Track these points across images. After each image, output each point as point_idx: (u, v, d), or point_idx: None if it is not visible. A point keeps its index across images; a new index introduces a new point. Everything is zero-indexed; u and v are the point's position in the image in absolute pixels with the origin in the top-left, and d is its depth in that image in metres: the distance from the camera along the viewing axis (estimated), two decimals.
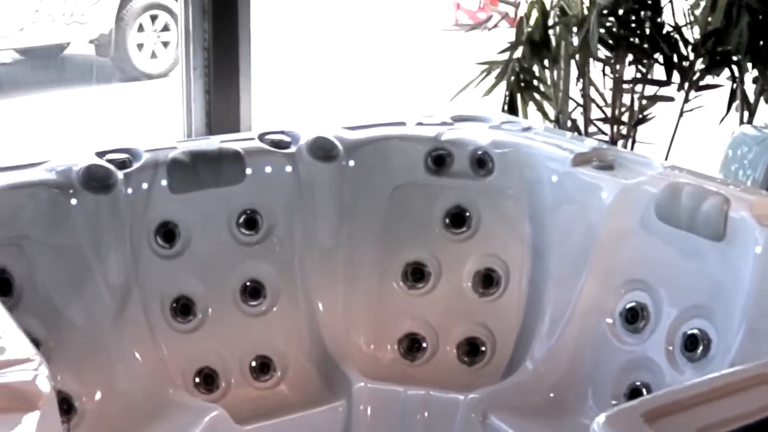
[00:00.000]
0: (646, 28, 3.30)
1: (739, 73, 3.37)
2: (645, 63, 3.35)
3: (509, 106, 3.38)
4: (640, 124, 3.44)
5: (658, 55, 3.33)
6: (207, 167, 2.65)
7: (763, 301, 2.22)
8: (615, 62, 3.38)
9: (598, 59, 3.36)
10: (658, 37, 3.26)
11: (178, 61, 3.46)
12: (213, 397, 2.61)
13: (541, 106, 3.43)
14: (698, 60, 3.33)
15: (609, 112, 3.48)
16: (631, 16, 3.29)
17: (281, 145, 2.77)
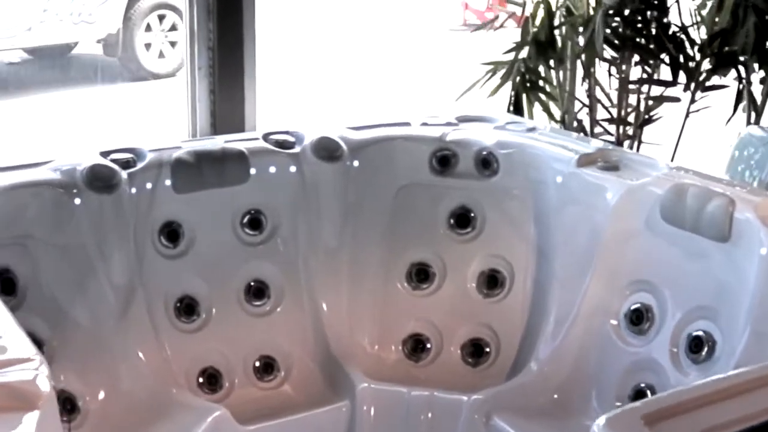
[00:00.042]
0: (652, 28, 3.29)
1: (746, 74, 3.35)
2: (651, 63, 3.34)
3: (514, 107, 3.37)
4: (646, 124, 3.43)
5: (664, 56, 3.32)
6: (211, 167, 2.65)
7: None
8: (621, 62, 3.37)
9: (604, 59, 3.35)
10: (664, 38, 3.25)
11: None
12: (217, 397, 2.61)
13: (547, 107, 3.43)
14: (704, 60, 3.32)
15: (615, 113, 3.47)
16: (637, 16, 3.28)
17: (285, 145, 2.77)
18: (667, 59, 3.32)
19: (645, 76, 3.39)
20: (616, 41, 3.29)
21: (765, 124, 3.38)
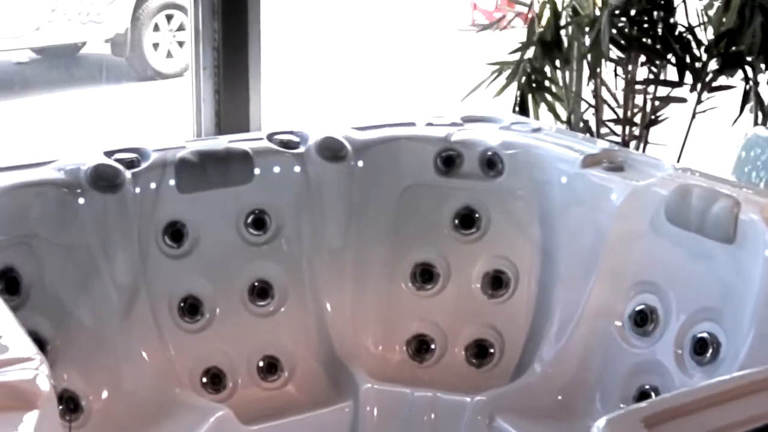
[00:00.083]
0: (658, 28, 3.27)
1: (753, 74, 3.34)
2: (657, 64, 3.32)
3: (520, 107, 3.36)
4: (653, 125, 3.42)
5: (670, 56, 3.30)
6: (215, 167, 2.65)
7: None
8: (627, 63, 3.35)
9: (610, 60, 3.34)
10: (671, 38, 3.23)
11: None
12: (220, 397, 2.60)
13: (553, 107, 3.41)
14: (711, 61, 3.30)
15: (621, 114, 3.46)
16: (644, 16, 3.27)
17: (290, 145, 2.77)
18: (674, 60, 3.31)
19: (651, 76, 3.38)
20: (622, 41, 3.28)
21: None
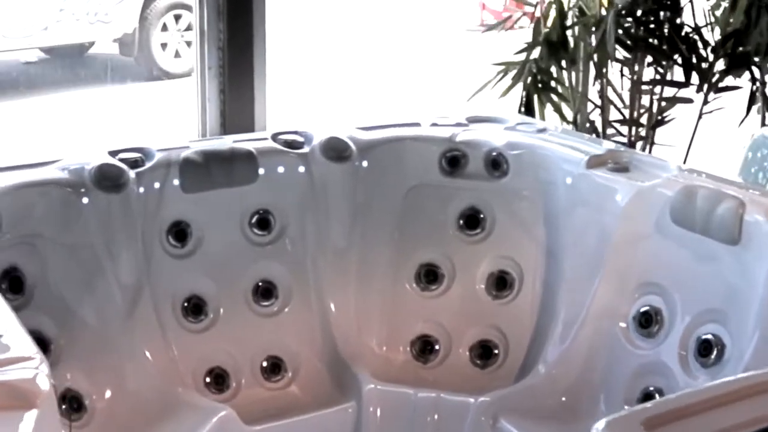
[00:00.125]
0: (664, 29, 3.26)
1: (760, 75, 3.32)
2: (664, 64, 3.31)
3: (526, 108, 3.35)
4: (659, 126, 3.40)
5: (677, 57, 3.29)
6: (219, 167, 2.65)
7: None
8: (633, 63, 3.34)
9: (617, 60, 3.32)
10: (677, 39, 3.22)
11: None
12: (223, 397, 2.60)
13: (559, 108, 3.40)
14: (718, 61, 3.29)
15: (627, 114, 3.44)
16: (650, 16, 3.25)
17: (294, 145, 2.76)
18: (680, 60, 3.29)
19: (658, 77, 3.37)
20: (629, 42, 3.27)
21: None
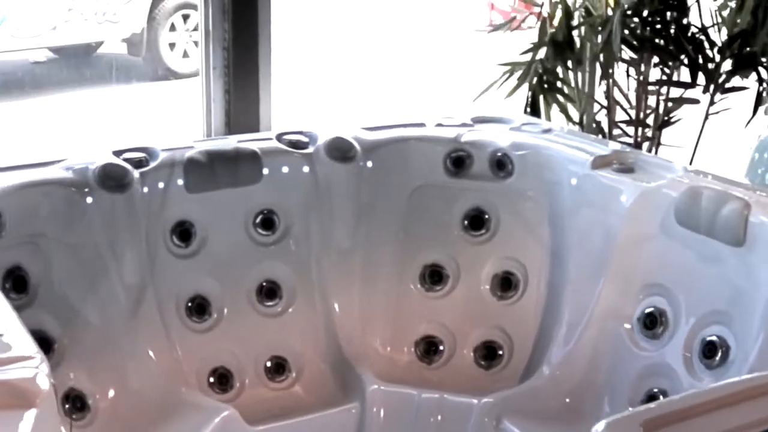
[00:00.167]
0: (671, 29, 3.24)
1: (767, 75, 3.30)
2: (670, 65, 3.30)
3: (531, 108, 3.34)
4: (665, 126, 3.39)
5: (683, 57, 3.27)
6: (224, 167, 2.65)
7: None
8: (640, 64, 3.33)
9: (623, 60, 3.31)
10: (683, 39, 3.20)
11: None
12: (227, 397, 2.60)
13: (565, 108, 3.39)
14: (724, 62, 3.27)
15: (633, 115, 3.43)
16: (656, 17, 3.24)
17: (299, 145, 2.76)
18: (686, 61, 3.28)
19: (664, 77, 3.35)
20: (635, 42, 3.25)
21: None
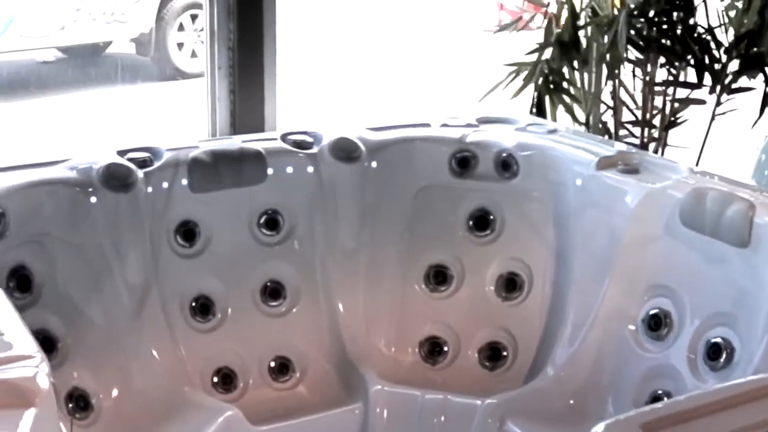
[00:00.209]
0: (677, 29, 3.23)
1: None
2: (676, 65, 3.28)
3: (537, 108, 3.33)
4: (672, 127, 3.38)
5: (690, 58, 3.26)
6: (228, 167, 2.65)
7: None
8: (646, 64, 3.31)
9: (629, 61, 3.30)
10: (689, 39, 3.19)
11: None
12: (231, 397, 2.60)
13: (571, 109, 3.38)
14: (731, 62, 3.26)
15: (640, 115, 3.42)
16: (663, 17, 3.23)
17: (303, 145, 2.76)
18: (693, 61, 3.26)
19: (670, 78, 3.34)
20: (641, 42, 3.24)
21: None
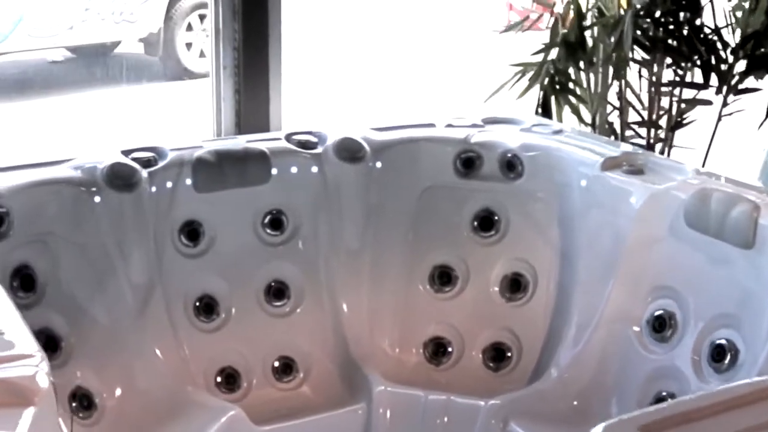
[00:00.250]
0: (684, 30, 3.22)
1: None
2: (683, 66, 3.27)
3: (543, 109, 3.32)
4: (678, 128, 3.36)
5: (696, 58, 3.25)
6: (232, 167, 2.65)
7: None
8: (652, 64, 3.30)
9: (635, 61, 3.29)
10: (696, 40, 3.18)
11: None
12: (234, 397, 2.60)
13: (577, 109, 3.37)
14: (738, 63, 3.24)
15: (646, 116, 3.40)
16: (669, 17, 3.22)
17: (308, 145, 2.76)
18: (699, 62, 3.25)
19: (677, 78, 3.33)
20: (647, 43, 3.23)
21: None
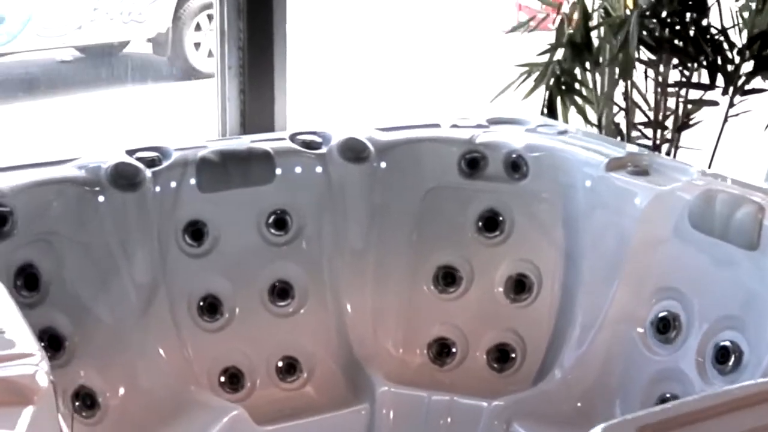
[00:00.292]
0: (690, 30, 3.21)
1: None
2: (689, 66, 3.26)
3: (548, 109, 3.32)
4: (684, 129, 3.35)
5: (702, 59, 3.23)
6: (237, 167, 2.65)
7: None
8: (658, 65, 3.29)
9: (641, 61, 3.28)
10: (702, 40, 3.17)
11: None
12: (238, 397, 2.61)
13: (583, 110, 3.36)
14: (744, 63, 3.23)
15: (652, 116, 3.39)
16: (675, 18, 3.21)
17: (312, 145, 2.76)
18: (706, 62, 3.24)
19: (683, 79, 3.31)
20: (653, 43, 3.22)
21: None
